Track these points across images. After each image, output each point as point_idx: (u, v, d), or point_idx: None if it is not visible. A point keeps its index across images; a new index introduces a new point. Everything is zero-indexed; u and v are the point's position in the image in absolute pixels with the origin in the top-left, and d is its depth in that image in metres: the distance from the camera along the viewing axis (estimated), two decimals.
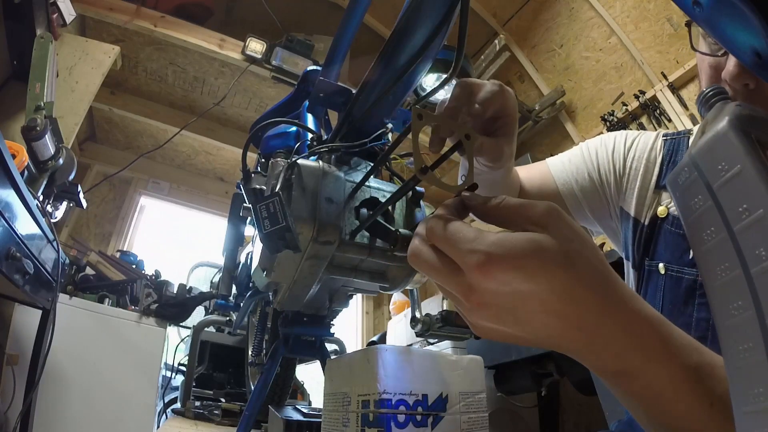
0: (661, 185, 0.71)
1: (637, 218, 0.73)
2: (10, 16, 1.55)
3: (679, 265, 0.66)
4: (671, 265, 0.67)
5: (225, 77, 2.65)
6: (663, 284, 0.68)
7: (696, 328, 0.63)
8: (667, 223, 0.69)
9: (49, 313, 1.22)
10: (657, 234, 0.70)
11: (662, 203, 0.70)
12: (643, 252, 0.71)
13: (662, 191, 0.71)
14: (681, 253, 0.66)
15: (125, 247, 2.95)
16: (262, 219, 0.38)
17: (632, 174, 0.75)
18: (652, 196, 0.72)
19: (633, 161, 0.75)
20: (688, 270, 0.65)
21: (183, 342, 2.20)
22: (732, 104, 0.26)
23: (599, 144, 0.80)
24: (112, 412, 1.67)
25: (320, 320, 0.69)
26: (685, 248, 0.66)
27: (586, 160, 0.79)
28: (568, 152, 0.82)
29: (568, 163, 0.80)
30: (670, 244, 0.68)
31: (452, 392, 0.45)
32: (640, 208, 0.73)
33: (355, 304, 3.77)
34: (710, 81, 0.63)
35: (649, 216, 0.71)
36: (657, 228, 0.70)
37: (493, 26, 2.78)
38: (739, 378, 0.22)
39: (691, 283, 0.64)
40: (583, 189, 0.77)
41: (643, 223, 0.72)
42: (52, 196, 1.45)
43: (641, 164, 0.74)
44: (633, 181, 0.74)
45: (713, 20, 0.28)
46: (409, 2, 0.38)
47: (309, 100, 0.72)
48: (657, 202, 0.71)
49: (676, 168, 0.27)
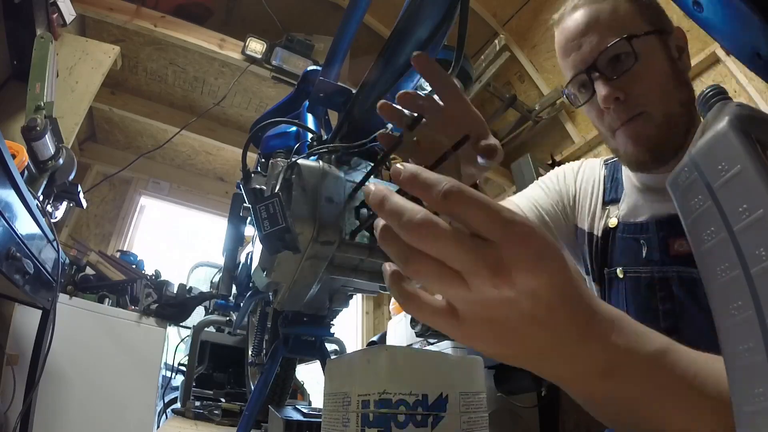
0: (606, 200, 0.80)
1: (591, 232, 0.80)
2: (10, 16, 1.55)
3: (635, 266, 0.72)
4: (628, 267, 0.72)
5: (225, 77, 2.65)
6: (624, 287, 0.73)
7: (664, 320, 0.67)
8: (619, 231, 0.75)
9: (49, 313, 1.22)
10: (612, 243, 0.77)
11: (611, 216, 0.78)
12: (601, 262, 0.78)
13: (609, 206, 0.79)
14: (635, 255, 0.72)
15: (125, 247, 2.95)
16: (262, 220, 0.38)
17: (582, 194, 0.84)
18: (601, 211, 0.80)
19: (582, 182, 0.85)
20: (644, 269, 0.71)
21: (183, 342, 2.20)
22: (732, 104, 0.26)
23: (552, 175, 0.90)
24: (112, 412, 1.67)
25: (320, 320, 0.69)
26: (637, 249, 0.72)
27: (544, 189, 0.87)
28: (525, 190, 0.91)
29: (529, 196, 0.87)
30: (624, 249, 0.74)
31: (452, 392, 0.45)
32: (592, 222, 0.80)
33: (355, 304, 3.76)
34: (599, 117, 0.72)
35: (602, 228, 0.78)
36: (610, 238, 0.77)
37: (493, 26, 2.78)
38: (740, 378, 0.22)
39: (649, 280, 0.70)
40: (548, 213, 0.84)
41: (597, 236, 0.79)
42: (52, 196, 1.45)
43: (589, 184, 0.84)
44: (584, 199, 0.83)
45: (713, 20, 0.28)
46: (409, 2, 0.38)
47: (309, 100, 0.72)
48: (606, 215, 0.79)
49: (677, 168, 0.27)
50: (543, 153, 2.79)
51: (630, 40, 0.65)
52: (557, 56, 0.76)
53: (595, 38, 0.68)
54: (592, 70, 0.68)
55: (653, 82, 0.67)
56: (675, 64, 0.69)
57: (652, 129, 0.67)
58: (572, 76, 0.72)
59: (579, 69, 0.70)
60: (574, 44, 0.70)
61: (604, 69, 0.68)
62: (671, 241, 0.69)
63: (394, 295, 0.30)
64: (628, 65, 0.66)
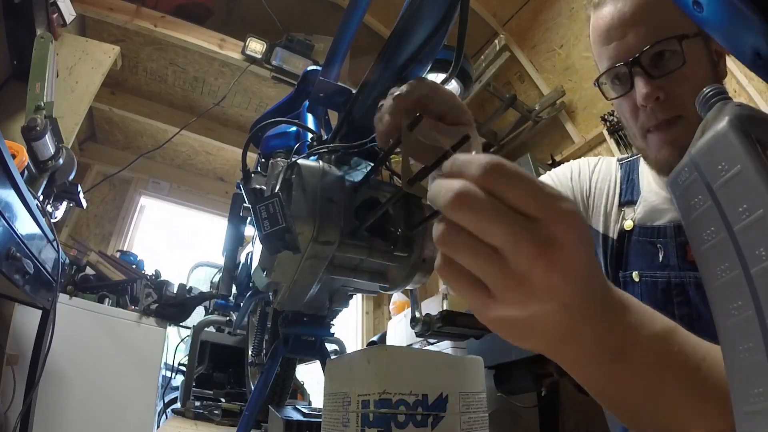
0: (622, 202, 0.77)
1: (605, 234, 0.78)
2: (10, 16, 1.55)
3: (651, 270, 0.70)
4: (644, 271, 0.71)
5: (225, 77, 2.65)
6: (639, 291, 0.71)
7: (680, 325, 0.66)
8: (634, 234, 0.73)
9: (49, 313, 1.22)
10: (627, 246, 0.75)
11: (627, 218, 0.75)
12: (616, 265, 0.76)
13: (624, 207, 0.77)
14: (651, 259, 0.71)
15: (125, 247, 2.94)
16: (262, 220, 0.38)
17: (597, 193, 0.81)
18: (617, 212, 0.78)
19: (597, 182, 0.82)
20: (660, 273, 0.69)
21: (183, 342, 2.20)
22: (732, 104, 0.26)
23: (566, 170, 0.86)
24: (112, 412, 1.67)
25: (320, 320, 0.69)
26: (654, 253, 0.70)
27: (556, 182, 0.84)
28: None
29: None
30: (640, 252, 0.72)
31: (452, 392, 0.45)
32: (608, 224, 0.78)
33: (355, 304, 3.76)
34: (633, 114, 0.69)
35: (617, 231, 0.76)
36: (626, 241, 0.75)
37: (493, 26, 2.78)
38: (739, 378, 0.22)
39: (666, 285, 0.68)
40: None
41: (612, 238, 0.77)
42: (52, 196, 1.45)
43: (605, 184, 0.81)
44: (598, 199, 0.80)
45: (713, 20, 0.28)
46: (409, 2, 0.38)
47: (309, 100, 0.72)
48: (622, 218, 0.77)
49: (676, 168, 0.27)
50: (543, 153, 2.78)
51: (681, 41, 0.62)
52: (592, 42, 0.72)
53: (643, 30, 0.64)
54: (634, 64, 0.64)
55: (695, 86, 0.63)
56: (715, 70, 0.67)
57: (688, 135, 0.65)
58: (610, 66, 0.68)
59: (620, 60, 0.66)
60: (618, 32, 0.66)
61: (648, 65, 0.64)
62: (689, 246, 0.68)
63: (437, 263, 0.28)
64: (674, 66, 0.63)
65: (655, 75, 0.63)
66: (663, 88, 0.63)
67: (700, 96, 0.29)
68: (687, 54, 0.62)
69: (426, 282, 0.54)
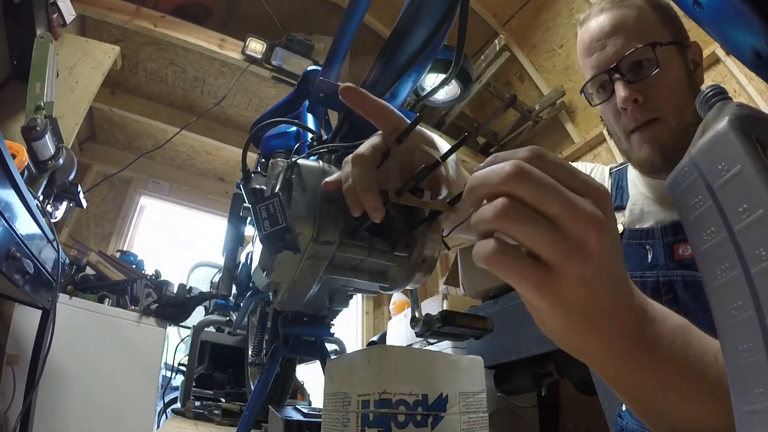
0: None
1: None
2: (10, 16, 1.55)
3: (641, 271, 0.73)
4: (634, 272, 0.74)
5: (225, 77, 2.65)
6: None
7: None
8: (624, 237, 0.77)
9: (49, 313, 1.22)
10: None
11: (617, 223, 0.79)
12: None
13: (615, 212, 0.80)
14: (641, 260, 0.74)
15: (125, 247, 2.95)
16: (262, 220, 0.38)
17: None
18: None
19: None
20: (650, 273, 0.73)
21: (183, 342, 2.20)
22: (732, 104, 0.26)
23: None
24: (112, 412, 1.67)
25: (320, 320, 0.69)
26: (643, 255, 0.74)
27: None
28: None
29: None
30: (630, 254, 0.75)
31: (452, 392, 0.45)
32: None
33: (355, 304, 3.77)
34: (616, 118, 0.74)
35: None
36: None
37: (493, 26, 2.78)
38: (739, 378, 0.22)
39: (655, 284, 0.71)
40: None
41: None
42: (52, 196, 1.45)
43: None
44: None
45: (713, 20, 0.28)
46: (409, 2, 0.38)
47: (309, 100, 0.72)
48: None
49: (676, 168, 0.27)
50: None
51: (654, 47, 0.68)
52: (578, 55, 0.79)
53: (620, 41, 0.70)
54: (613, 72, 0.71)
55: (670, 89, 0.69)
56: (691, 76, 0.72)
57: (666, 134, 0.69)
58: (593, 75, 0.74)
59: (601, 69, 0.72)
60: (599, 44, 0.73)
61: (626, 72, 0.70)
62: (676, 246, 0.71)
63: (488, 253, 0.29)
64: (649, 71, 0.69)
65: (633, 80, 0.70)
66: (640, 91, 0.69)
67: (700, 96, 0.29)
68: (661, 60, 0.68)
69: (426, 282, 0.54)
